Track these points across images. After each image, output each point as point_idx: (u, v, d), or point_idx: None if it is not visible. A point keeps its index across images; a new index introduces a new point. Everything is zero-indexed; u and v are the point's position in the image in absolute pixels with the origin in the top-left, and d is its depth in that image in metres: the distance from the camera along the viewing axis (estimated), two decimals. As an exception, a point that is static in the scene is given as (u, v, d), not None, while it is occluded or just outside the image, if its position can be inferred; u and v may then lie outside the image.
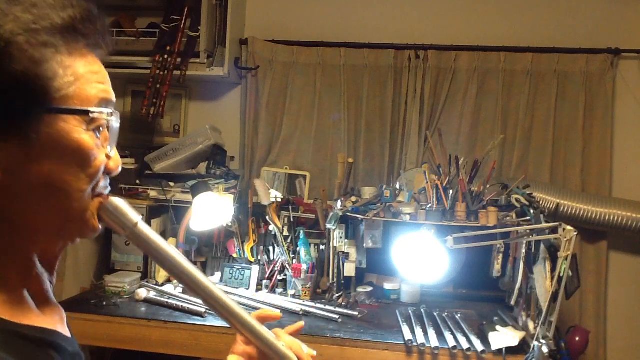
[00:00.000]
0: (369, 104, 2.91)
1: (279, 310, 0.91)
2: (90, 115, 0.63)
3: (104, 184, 0.68)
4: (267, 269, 2.60)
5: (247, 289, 2.49)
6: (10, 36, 0.57)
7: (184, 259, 0.75)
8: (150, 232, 0.72)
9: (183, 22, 2.78)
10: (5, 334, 0.60)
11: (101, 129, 0.66)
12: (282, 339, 0.81)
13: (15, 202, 0.62)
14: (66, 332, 0.71)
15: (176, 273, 0.74)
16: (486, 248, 2.35)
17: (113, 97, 0.67)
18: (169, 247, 0.74)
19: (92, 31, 0.65)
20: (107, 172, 0.68)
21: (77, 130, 0.62)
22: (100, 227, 0.69)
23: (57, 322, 0.70)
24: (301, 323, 0.93)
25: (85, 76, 0.63)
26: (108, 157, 0.68)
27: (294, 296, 2.45)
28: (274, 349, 0.79)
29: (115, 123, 0.68)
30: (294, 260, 2.54)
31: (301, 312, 2.26)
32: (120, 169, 0.70)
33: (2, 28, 0.57)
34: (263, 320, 0.82)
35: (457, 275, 2.61)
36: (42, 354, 0.63)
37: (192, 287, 0.75)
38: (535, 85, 2.81)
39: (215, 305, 0.77)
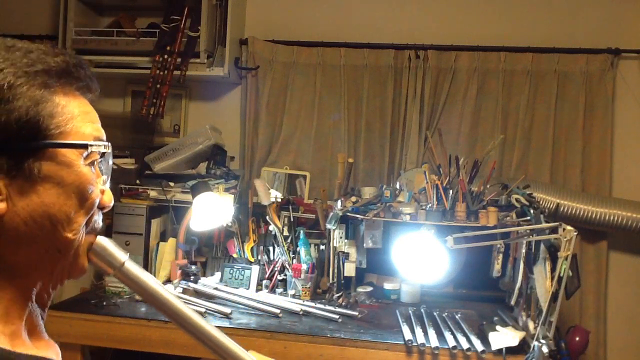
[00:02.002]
0: (369, 104, 2.91)
1: None
2: (89, 148, 0.67)
3: (97, 219, 0.71)
4: (267, 269, 2.60)
5: (247, 289, 2.49)
6: (12, 79, 0.62)
7: (173, 296, 0.76)
8: (138, 271, 0.74)
9: (183, 22, 2.78)
10: None
11: (95, 163, 0.69)
12: None
13: (16, 236, 0.63)
14: None
15: (166, 311, 0.76)
16: (486, 248, 2.35)
17: (104, 136, 0.71)
18: (158, 285, 0.75)
19: (83, 75, 0.69)
20: (101, 206, 0.71)
21: (75, 164, 0.66)
22: (87, 267, 0.72)
23: (54, 355, 0.71)
24: None
25: (80, 115, 0.68)
26: (102, 192, 0.71)
27: (294, 296, 2.45)
28: None
29: (110, 159, 0.72)
30: (294, 260, 2.54)
31: (301, 312, 2.26)
32: (112, 204, 0.73)
33: (4, 72, 0.62)
34: None
35: (457, 275, 2.61)
36: None
37: (182, 324, 0.77)
38: (535, 85, 2.81)
39: (210, 343, 0.78)
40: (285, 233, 2.62)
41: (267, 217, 2.60)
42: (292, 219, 2.65)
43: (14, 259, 0.64)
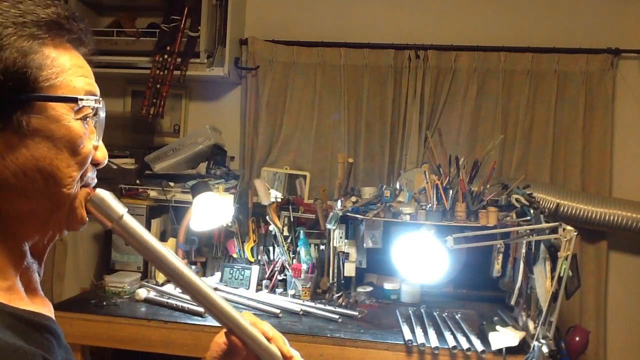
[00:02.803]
0: (369, 104, 2.91)
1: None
2: (79, 103, 0.66)
3: (91, 175, 0.70)
4: (267, 269, 2.60)
5: (247, 289, 2.49)
6: None
7: (169, 251, 0.77)
8: (136, 225, 0.74)
9: (183, 22, 2.78)
10: (5, 316, 0.61)
11: (87, 119, 0.68)
12: (261, 326, 0.83)
13: (6, 189, 0.63)
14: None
15: (161, 266, 0.76)
16: (486, 248, 2.34)
17: (97, 91, 0.70)
18: (154, 241, 0.75)
19: (75, 28, 0.68)
20: (95, 163, 0.70)
21: (65, 118, 0.65)
22: (87, 218, 0.71)
23: (48, 312, 0.71)
24: None
25: (71, 69, 0.66)
26: (95, 148, 0.70)
27: (294, 296, 2.45)
28: (257, 343, 0.82)
29: (102, 113, 0.71)
30: (294, 260, 2.54)
31: (301, 312, 2.26)
32: (106, 161, 0.72)
33: None
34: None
35: (457, 275, 2.60)
36: (40, 336, 0.64)
37: (177, 280, 0.77)
38: (535, 85, 2.81)
39: (200, 298, 0.79)
40: (285, 233, 2.61)
41: (267, 217, 2.60)
42: (292, 219, 2.65)
43: (7, 213, 0.64)
